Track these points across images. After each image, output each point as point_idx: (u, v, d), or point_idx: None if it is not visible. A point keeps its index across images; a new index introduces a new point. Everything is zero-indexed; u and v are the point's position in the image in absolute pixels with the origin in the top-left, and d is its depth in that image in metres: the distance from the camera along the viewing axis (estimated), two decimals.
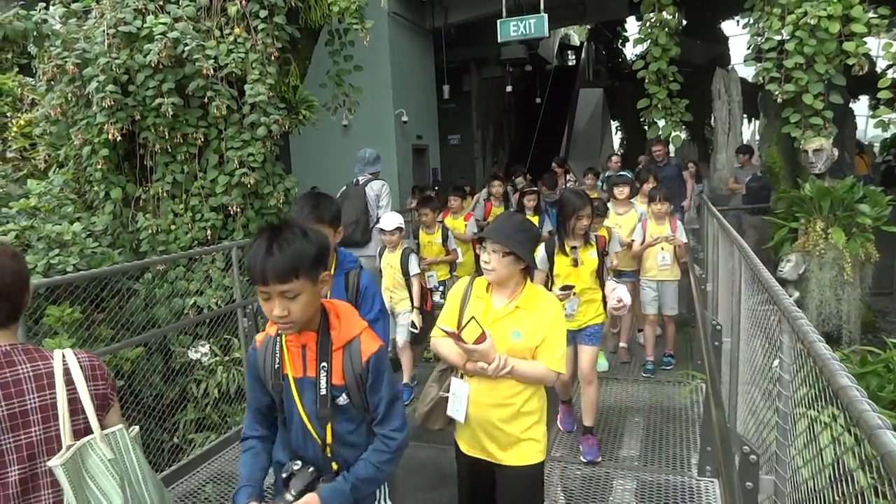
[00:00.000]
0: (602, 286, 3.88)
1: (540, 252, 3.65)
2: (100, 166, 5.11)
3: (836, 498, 1.67)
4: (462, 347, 2.15)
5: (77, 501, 1.54)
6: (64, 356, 1.64)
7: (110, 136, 5.00)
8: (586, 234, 3.76)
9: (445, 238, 5.54)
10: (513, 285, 2.29)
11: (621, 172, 6.24)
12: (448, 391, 2.35)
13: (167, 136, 5.19)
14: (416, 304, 4.77)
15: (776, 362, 3.43)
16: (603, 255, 3.87)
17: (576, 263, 3.70)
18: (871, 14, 5.78)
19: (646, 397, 4.87)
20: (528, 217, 5.94)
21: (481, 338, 2.13)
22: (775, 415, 2.21)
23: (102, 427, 1.65)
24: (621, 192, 5.41)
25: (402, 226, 4.72)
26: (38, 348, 1.64)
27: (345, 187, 5.93)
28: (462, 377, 2.31)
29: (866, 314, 5.66)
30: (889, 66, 7.03)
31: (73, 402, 1.60)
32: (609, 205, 5.39)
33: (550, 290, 3.59)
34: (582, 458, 3.88)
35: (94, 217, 5.10)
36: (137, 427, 1.79)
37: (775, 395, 2.90)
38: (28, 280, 1.64)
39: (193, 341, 4.84)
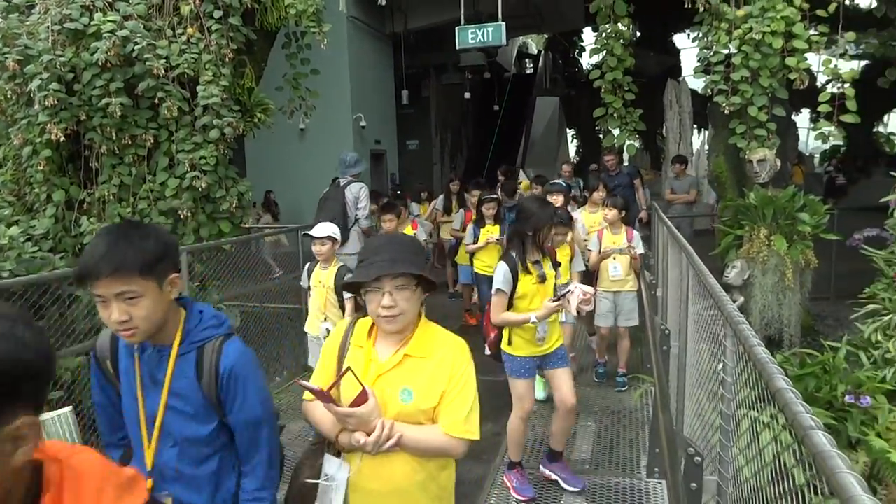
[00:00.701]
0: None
1: (501, 271, 3.32)
2: (41, 167, 4.93)
3: (776, 495, 1.73)
4: (334, 412, 1.58)
5: None
6: None
7: (53, 137, 4.83)
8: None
9: None
10: (409, 330, 1.73)
11: (555, 181, 5.84)
12: (320, 475, 1.68)
13: (114, 138, 5.04)
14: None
15: (721, 365, 3.55)
16: (556, 265, 3.66)
17: (543, 279, 3.38)
18: (811, 31, 6.05)
19: (597, 401, 4.95)
20: (488, 226, 5.91)
21: (361, 398, 1.56)
22: (719, 416, 2.29)
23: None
24: (555, 200, 4.90)
25: (337, 236, 4.12)
26: None
27: (328, 188, 6.12)
28: (339, 454, 1.68)
29: (806, 318, 5.89)
30: (828, 81, 7.36)
31: None
32: None
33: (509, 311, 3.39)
34: (567, 487, 3.61)
35: (35, 220, 4.90)
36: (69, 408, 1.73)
37: (719, 398, 2.99)
38: None
39: None
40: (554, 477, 3.66)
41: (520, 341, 3.43)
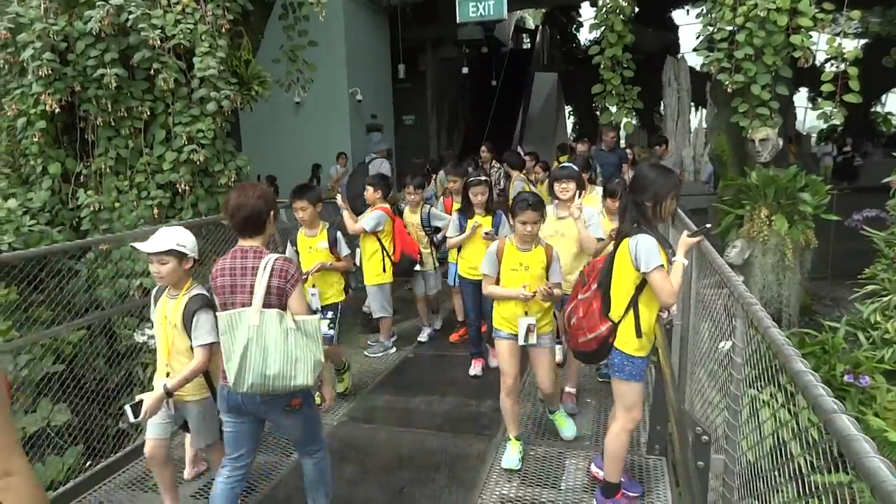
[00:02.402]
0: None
1: (651, 244, 2.70)
2: (36, 139, 4.84)
3: (786, 478, 1.75)
4: None
5: (224, 337, 2.45)
6: (269, 259, 2.49)
7: (48, 108, 4.74)
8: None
9: (334, 242, 4.34)
10: None
11: (565, 164, 4.60)
12: None
13: (110, 109, 4.95)
14: (205, 391, 2.91)
15: (722, 344, 3.57)
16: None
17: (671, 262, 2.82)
18: (815, 9, 5.99)
19: (596, 378, 4.98)
20: (478, 216, 4.61)
21: None
22: (726, 396, 2.30)
23: (283, 306, 2.48)
24: (565, 189, 3.96)
25: (185, 249, 2.82)
26: (264, 250, 2.55)
27: (358, 165, 6.76)
28: None
29: (804, 298, 5.94)
30: (827, 60, 7.32)
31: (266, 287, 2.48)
32: (550, 208, 3.97)
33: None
34: (628, 492, 3.24)
35: (31, 193, 4.83)
36: (316, 316, 2.59)
37: (726, 377, 3.01)
38: (270, 211, 2.57)
39: (139, 324, 4.67)
40: (602, 475, 3.25)
41: (646, 339, 2.92)
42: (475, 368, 5.07)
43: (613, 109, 7.84)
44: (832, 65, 6.35)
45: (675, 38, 17.66)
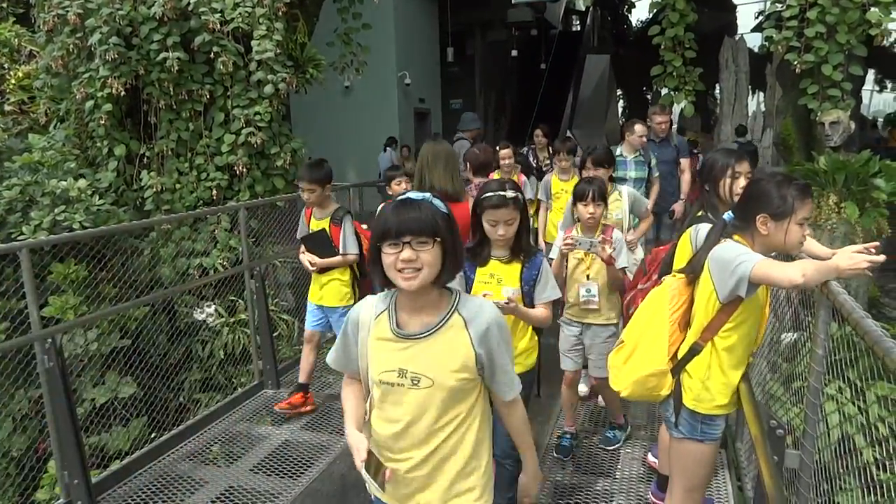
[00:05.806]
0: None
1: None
2: (103, 122, 5.00)
3: (841, 470, 1.67)
4: None
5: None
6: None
7: (113, 91, 4.88)
8: None
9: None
10: None
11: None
12: None
13: (172, 92, 5.07)
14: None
15: (789, 335, 3.42)
16: None
17: None
18: None
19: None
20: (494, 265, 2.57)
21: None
22: (788, 390, 2.21)
23: None
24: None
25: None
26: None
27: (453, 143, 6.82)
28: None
29: (872, 290, 5.66)
30: None
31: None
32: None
33: None
34: None
35: (98, 174, 5.00)
36: None
37: (791, 370, 2.88)
38: (493, 162, 4.02)
39: (199, 302, 4.80)
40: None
41: None
42: None
43: (664, 92, 7.56)
44: None
45: (733, 19, 16.97)
